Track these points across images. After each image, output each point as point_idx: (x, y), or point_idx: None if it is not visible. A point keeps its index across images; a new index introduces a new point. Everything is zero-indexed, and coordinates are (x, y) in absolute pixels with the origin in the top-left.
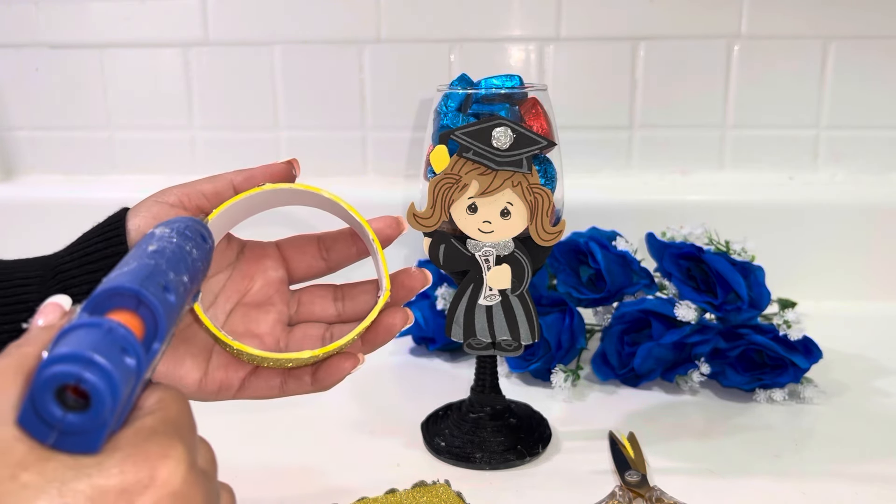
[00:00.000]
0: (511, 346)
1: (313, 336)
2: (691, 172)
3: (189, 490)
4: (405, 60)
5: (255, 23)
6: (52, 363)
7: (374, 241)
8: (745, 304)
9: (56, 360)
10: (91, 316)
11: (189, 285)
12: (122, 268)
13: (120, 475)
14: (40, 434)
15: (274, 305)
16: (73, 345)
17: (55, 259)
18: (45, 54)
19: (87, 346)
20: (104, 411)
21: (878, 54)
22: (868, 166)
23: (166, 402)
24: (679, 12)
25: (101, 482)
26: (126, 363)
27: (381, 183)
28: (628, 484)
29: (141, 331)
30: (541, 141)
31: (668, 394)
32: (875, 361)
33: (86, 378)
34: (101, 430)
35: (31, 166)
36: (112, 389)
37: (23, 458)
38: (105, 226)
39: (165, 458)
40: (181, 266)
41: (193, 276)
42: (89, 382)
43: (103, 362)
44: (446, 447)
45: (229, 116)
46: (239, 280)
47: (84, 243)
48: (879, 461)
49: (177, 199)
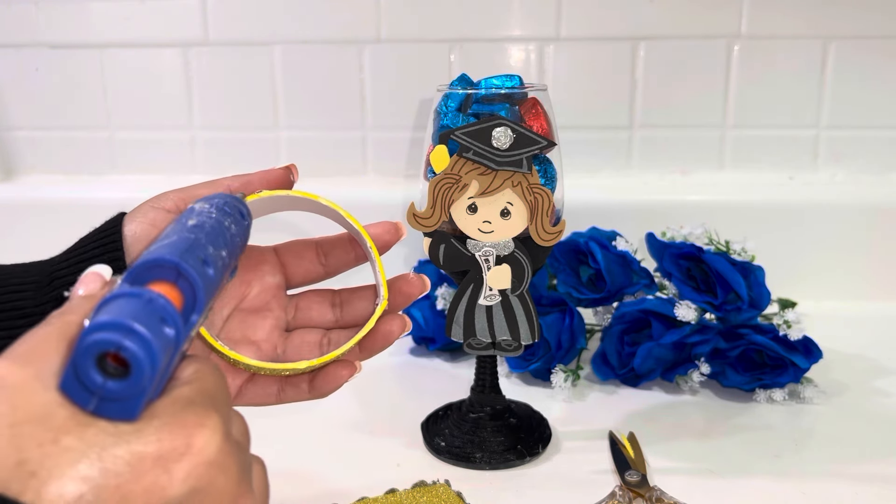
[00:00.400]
0: (511, 346)
1: (311, 342)
2: (691, 172)
3: (224, 459)
4: (405, 60)
5: (255, 23)
6: (93, 331)
7: (372, 248)
8: (745, 304)
9: (97, 328)
10: (132, 286)
11: (227, 260)
12: (163, 240)
13: (157, 442)
14: (81, 400)
15: (271, 311)
16: (114, 313)
17: (51, 265)
18: (45, 54)
19: (127, 315)
20: (143, 379)
21: (878, 54)
22: (868, 166)
23: (203, 373)
24: (679, 12)
25: (138, 448)
26: (165, 333)
27: (381, 183)
28: (628, 484)
29: (180, 302)
30: (541, 141)
31: (668, 394)
32: (875, 361)
33: (126, 346)
34: (140, 398)
35: (31, 166)
36: (151, 358)
37: (64, 423)
38: (101, 231)
39: (201, 427)
40: (220, 241)
41: (231, 251)
42: (129, 350)
43: (143, 331)
44: (446, 447)
45: (229, 116)
46: (236, 285)
47: (80, 249)
48: (879, 461)
49: (173, 204)
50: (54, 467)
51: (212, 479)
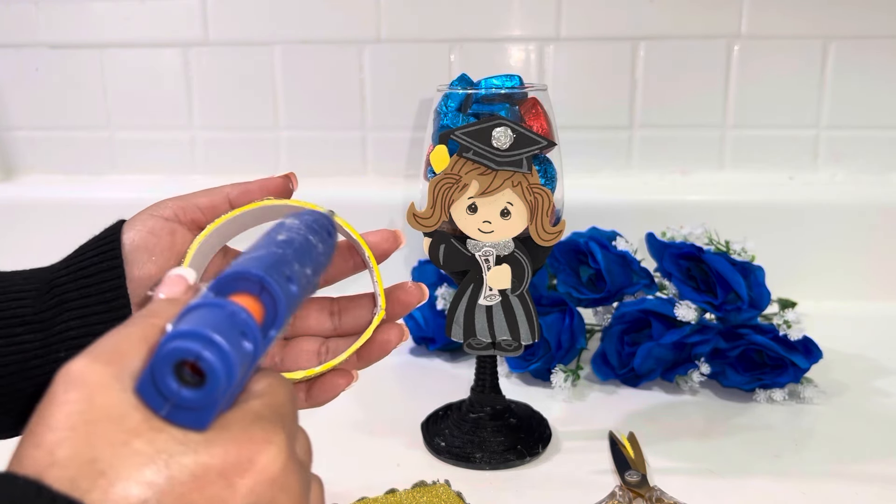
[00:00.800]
0: (511, 346)
1: (309, 351)
2: (691, 172)
3: (286, 478)
4: (405, 60)
5: (255, 23)
6: (174, 338)
7: (370, 257)
8: (745, 304)
9: (178, 336)
10: (216, 296)
11: (311, 278)
12: (251, 253)
13: (223, 455)
14: (155, 404)
15: None
16: (195, 323)
17: (50, 272)
18: (45, 54)
19: (209, 326)
20: (217, 391)
21: (878, 54)
22: (868, 166)
23: (274, 388)
24: (679, 12)
25: (205, 460)
26: (244, 347)
27: (380, 183)
28: (628, 484)
29: (261, 317)
30: (541, 141)
31: (668, 394)
32: (875, 361)
33: (204, 357)
34: (212, 409)
35: (31, 166)
36: (228, 371)
37: (137, 426)
38: (100, 239)
39: (268, 444)
40: (306, 258)
41: (316, 270)
42: (207, 361)
43: (223, 343)
44: (446, 447)
45: (229, 116)
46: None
47: (79, 257)
48: (879, 461)
49: (172, 212)
50: (122, 469)
51: (273, 497)
